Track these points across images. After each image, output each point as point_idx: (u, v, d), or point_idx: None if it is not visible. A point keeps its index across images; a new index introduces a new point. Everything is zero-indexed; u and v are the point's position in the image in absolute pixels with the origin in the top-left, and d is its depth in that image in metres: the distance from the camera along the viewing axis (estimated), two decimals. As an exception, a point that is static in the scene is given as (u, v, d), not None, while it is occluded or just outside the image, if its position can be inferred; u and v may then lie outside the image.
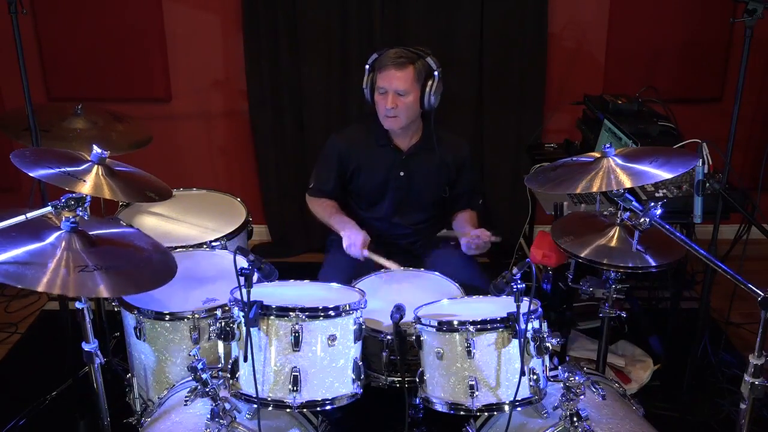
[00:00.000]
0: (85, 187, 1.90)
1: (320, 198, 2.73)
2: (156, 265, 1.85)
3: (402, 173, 2.65)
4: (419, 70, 2.47)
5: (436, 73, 2.48)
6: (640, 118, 2.98)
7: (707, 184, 2.40)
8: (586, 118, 3.41)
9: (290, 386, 1.81)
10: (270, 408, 1.84)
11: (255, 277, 1.83)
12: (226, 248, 2.59)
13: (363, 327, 1.95)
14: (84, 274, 1.67)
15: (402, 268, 2.46)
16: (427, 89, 2.48)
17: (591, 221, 2.23)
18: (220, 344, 1.90)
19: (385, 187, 2.67)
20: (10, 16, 2.32)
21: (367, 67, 2.53)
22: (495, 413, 1.93)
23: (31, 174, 1.90)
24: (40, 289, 1.62)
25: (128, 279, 1.77)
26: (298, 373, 1.82)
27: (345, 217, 2.64)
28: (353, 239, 2.50)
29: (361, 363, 1.93)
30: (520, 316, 1.81)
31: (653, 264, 2.08)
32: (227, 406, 1.83)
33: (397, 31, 3.61)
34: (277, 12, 3.58)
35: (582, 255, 2.10)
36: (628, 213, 2.02)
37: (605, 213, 2.25)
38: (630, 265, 2.08)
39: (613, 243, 2.11)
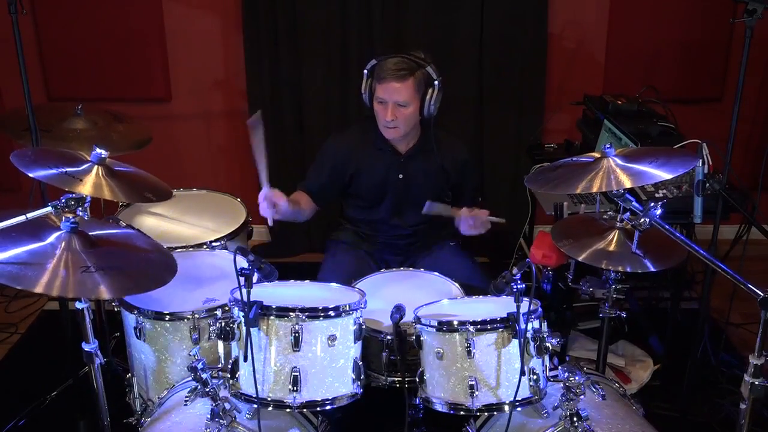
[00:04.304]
0: (85, 188, 1.90)
1: (302, 193, 2.69)
2: (156, 265, 1.85)
3: (401, 176, 2.64)
4: (419, 81, 2.43)
5: (436, 82, 2.44)
6: (640, 118, 2.99)
7: (707, 185, 2.40)
8: (586, 118, 3.41)
9: (290, 386, 1.81)
10: (270, 408, 1.84)
11: (255, 277, 1.83)
12: (226, 248, 2.59)
13: (363, 327, 1.95)
14: (84, 275, 1.67)
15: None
16: (427, 99, 2.45)
17: (590, 224, 2.23)
18: (220, 344, 1.90)
19: (383, 190, 2.67)
20: (10, 16, 2.32)
21: (365, 72, 2.49)
22: (495, 413, 1.93)
23: (30, 174, 1.90)
24: (39, 290, 1.61)
25: (128, 279, 1.76)
26: (298, 373, 1.82)
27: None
28: (260, 199, 2.38)
29: (361, 363, 1.94)
30: (520, 316, 1.81)
31: (652, 269, 2.07)
32: (227, 406, 1.83)
33: (397, 31, 3.61)
34: (277, 12, 3.58)
35: (581, 259, 2.10)
36: (628, 213, 2.02)
37: (605, 216, 2.25)
38: (629, 270, 2.07)
39: (612, 247, 2.10)
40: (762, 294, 1.62)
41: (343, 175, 2.66)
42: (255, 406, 1.85)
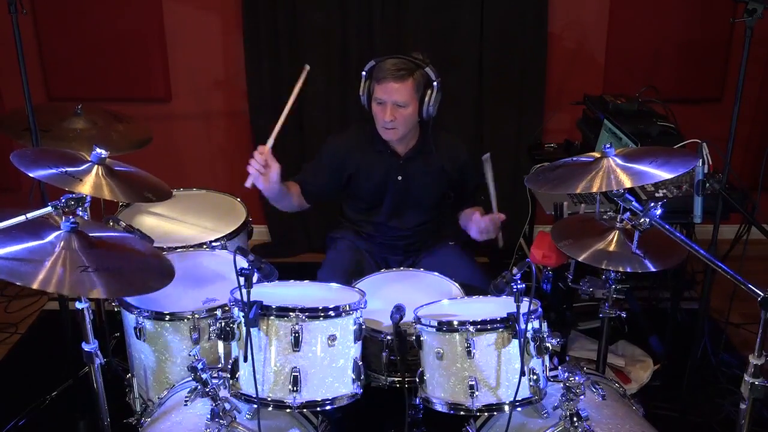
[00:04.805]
0: (85, 188, 1.90)
1: (295, 184, 2.68)
2: (153, 268, 1.85)
3: (400, 177, 2.64)
4: (418, 82, 2.43)
5: (435, 83, 2.43)
6: (640, 118, 2.98)
7: (707, 184, 2.40)
8: (586, 118, 3.41)
9: (290, 386, 1.81)
10: (270, 408, 1.84)
11: (255, 277, 1.83)
12: (226, 248, 2.59)
13: (363, 327, 1.95)
14: (81, 274, 1.67)
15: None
16: (426, 100, 2.45)
17: (590, 225, 2.23)
18: (220, 344, 1.90)
19: (383, 191, 2.67)
20: (10, 16, 2.32)
21: (363, 74, 2.49)
22: (495, 413, 1.93)
23: (30, 174, 1.90)
24: (35, 286, 1.62)
25: (125, 281, 1.77)
26: (298, 373, 1.82)
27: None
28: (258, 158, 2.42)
29: (361, 363, 1.93)
30: (520, 316, 1.81)
31: (652, 269, 2.07)
32: (227, 406, 1.83)
33: (397, 31, 3.61)
34: (277, 12, 3.58)
35: (581, 259, 2.10)
36: (628, 213, 2.02)
37: (605, 216, 2.25)
38: (629, 270, 2.07)
39: (612, 247, 2.10)
40: (762, 294, 1.62)
41: (340, 176, 2.66)
42: (255, 406, 1.85)
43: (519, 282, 1.86)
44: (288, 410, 1.86)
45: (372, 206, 2.70)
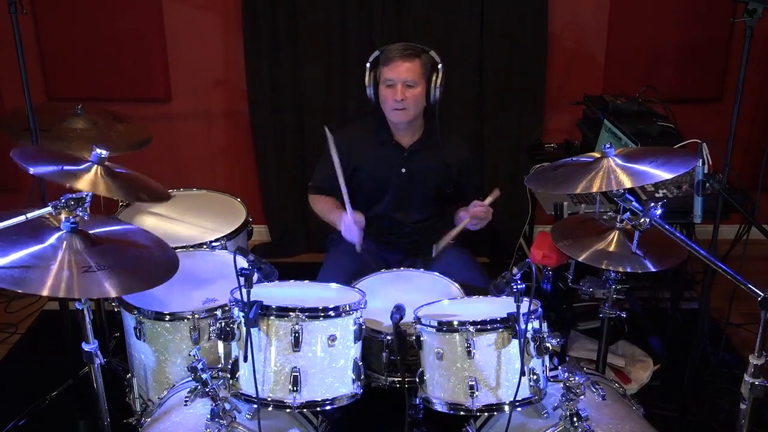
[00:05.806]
0: (83, 183, 1.88)
1: (319, 195, 2.74)
2: (159, 260, 1.85)
3: (404, 170, 2.65)
4: (425, 63, 2.51)
5: (440, 66, 2.50)
6: (640, 118, 2.99)
7: (707, 184, 2.40)
8: (586, 118, 3.41)
9: (290, 386, 1.82)
10: (270, 408, 1.84)
11: (255, 277, 1.83)
12: (226, 248, 2.59)
13: (363, 327, 1.95)
14: (88, 275, 1.67)
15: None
16: (433, 82, 2.51)
17: (590, 225, 2.23)
18: (220, 344, 1.90)
19: (386, 184, 2.68)
20: (10, 16, 2.32)
21: (368, 65, 2.54)
22: (495, 413, 1.93)
23: (30, 170, 1.89)
24: (45, 293, 1.61)
25: (132, 276, 1.76)
26: (298, 374, 1.82)
27: (342, 211, 2.64)
28: (348, 224, 2.52)
29: (361, 363, 1.94)
30: (520, 316, 1.81)
31: (652, 269, 2.08)
32: (227, 406, 1.83)
33: (397, 30, 3.61)
34: (277, 12, 3.58)
35: (581, 259, 2.10)
36: (628, 213, 2.02)
37: (605, 216, 2.25)
38: (629, 270, 2.08)
39: (612, 247, 2.10)
40: (762, 294, 1.62)
41: (346, 168, 2.67)
42: (255, 406, 1.85)
43: (519, 282, 1.86)
44: (288, 410, 1.86)
45: (375, 200, 2.71)
